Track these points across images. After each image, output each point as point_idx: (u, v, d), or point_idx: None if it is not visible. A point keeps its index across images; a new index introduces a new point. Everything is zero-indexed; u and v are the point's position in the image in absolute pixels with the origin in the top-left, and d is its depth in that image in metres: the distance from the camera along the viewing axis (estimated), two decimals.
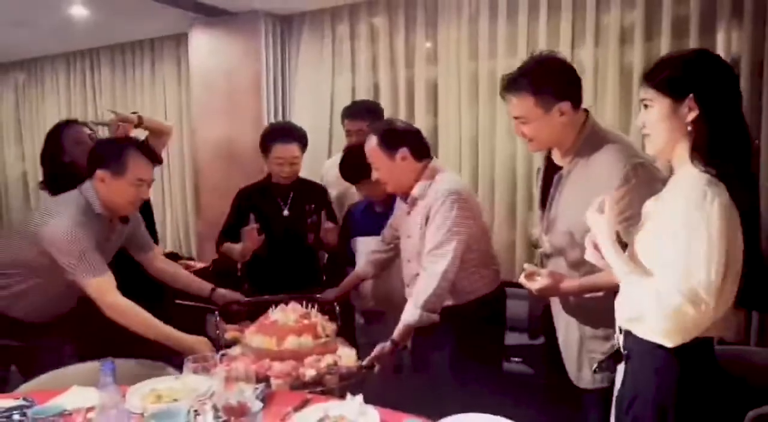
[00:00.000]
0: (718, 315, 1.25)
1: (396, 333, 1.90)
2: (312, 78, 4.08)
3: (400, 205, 2.27)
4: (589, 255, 1.47)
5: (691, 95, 1.29)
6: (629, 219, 1.53)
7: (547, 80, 1.69)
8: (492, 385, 1.99)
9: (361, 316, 2.61)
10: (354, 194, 2.82)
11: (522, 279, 1.76)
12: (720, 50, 2.88)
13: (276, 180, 2.68)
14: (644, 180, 1.58)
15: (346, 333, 2.15)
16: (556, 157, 1.83)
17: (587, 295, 1.72)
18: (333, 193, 2.96)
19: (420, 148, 2.08)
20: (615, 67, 3.15)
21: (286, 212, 2.65)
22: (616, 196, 1.60)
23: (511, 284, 3.30)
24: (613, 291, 1.47)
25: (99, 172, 2.03)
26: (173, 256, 4.63)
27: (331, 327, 2.00)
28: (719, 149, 1.28)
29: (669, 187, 1.39)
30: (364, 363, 1.85)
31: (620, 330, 1.45)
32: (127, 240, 2.28)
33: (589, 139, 1.73)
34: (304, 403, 1.59)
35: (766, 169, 2.77)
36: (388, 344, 1.89)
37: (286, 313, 2.00)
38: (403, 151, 2.04)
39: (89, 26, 4.23)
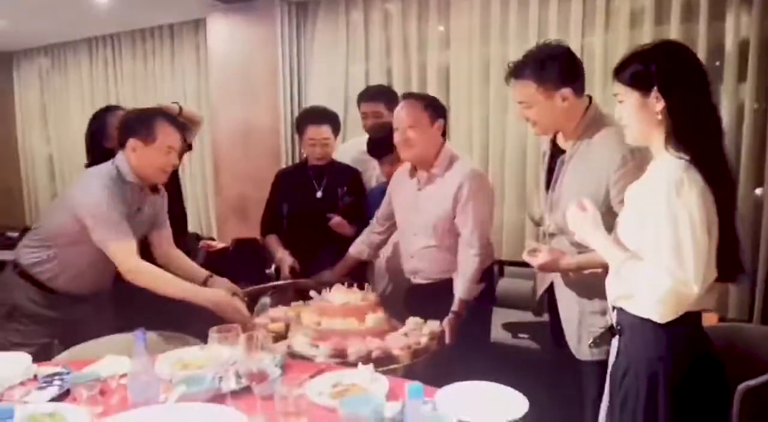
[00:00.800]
0: (702, 291, 1.33)
1: (456, 306, 2.06)
2: (327, 64, 4.17)
3: (401, 183, 2.34)
4: (570, 218, 1.58)
5: (655, 88, 1.37)
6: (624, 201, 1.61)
7: (550, 68, 1.77)
8: (482, 358, 2.11)
9: None
10: (370, 178, 2.91)
11: (525, 256, 1.86)
12: (729, 34, 2.92)
13: (311, 162, 2.76)
14: (639, 163, 1.65)
15: None
16: (561, 141, 1.91)
17: (585, 272, 1.82)
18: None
19: (446, 127, 2.22)
20: (625, 52, 3.18)
21: (319, 194, 2.72)
22: (614, 178, 1.70)
23: (519, 263, 3.42)
24: (608, 268, 1.56)
25: (131, 141, 2.09)
26: (194, 237, 4.81)
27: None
28: (688, 136, 1.36)
29: (648, 173, 1.48)
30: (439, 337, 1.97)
31: (612, 307, 1.55)
32: (154, 218, 2.31)
33: (591, 125, 1.82)
34: (320, 372, 1.72)
35: None
36: (452, 317, 2.05)
37: (348, 294, 2.07)
38: (440, 123, 2.16)
39: (110, 12, 4.35)
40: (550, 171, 1.94)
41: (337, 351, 1.80)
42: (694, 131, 1.37)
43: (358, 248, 2.47)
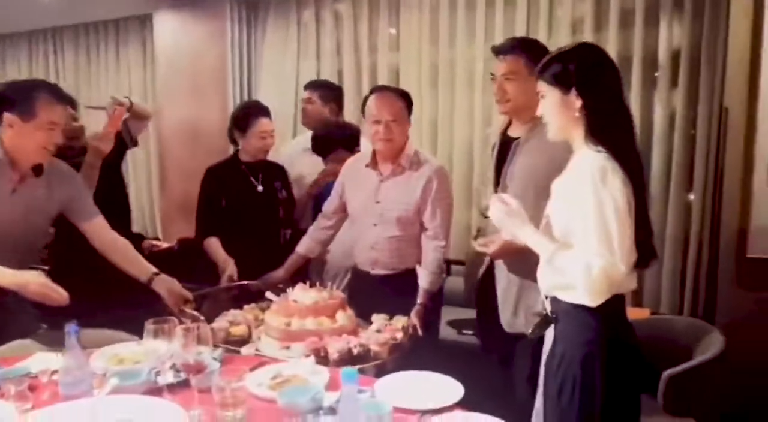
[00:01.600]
0: (626, 272, 1.43)
1: (422, 297, 2.14)
2: (277, 62, 4.15)
3: (357, 174, 2.35)
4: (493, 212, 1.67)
5: (573, 88, 1.48)
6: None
7: (536, 49, 1.99)
8: (430, 354, 2.13)
9: None
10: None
11: (477, 246, 2.02)
12: (662, 42, 3.06)
13: (247, 158, 2.70)
14: None
15: None
16: (514, 131, 2.10)
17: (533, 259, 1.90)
18: (305, 173, 3.01)
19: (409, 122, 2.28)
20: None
21: (260, 188, 2.68)
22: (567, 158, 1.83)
23: (464, 263, 3.48)
24: None
25: (6, 116, 1.90)
26: (138, 237, 4.68)
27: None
28: (605, 131, 1.48)
29: (571, 165, 1.56)
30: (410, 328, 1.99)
31: (546, 297, 1.62)
32: (64, 206, 2.15)
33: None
34: (260, 364, 1.71)
35: (702, 148, 2.96)
36: (419, 308, 2.10)
37: (317, 293, 2.03)
38: (410, 119, 2.26)
39: (52, 5, 4.20)
40: (500, 160, 2.10)
41: (316, 351, 1.78)
42: (610, 126, 1.48)
43: (307, 246, 2.46)
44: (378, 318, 2.01)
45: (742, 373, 2.60)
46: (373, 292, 2.21)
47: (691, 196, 3.06)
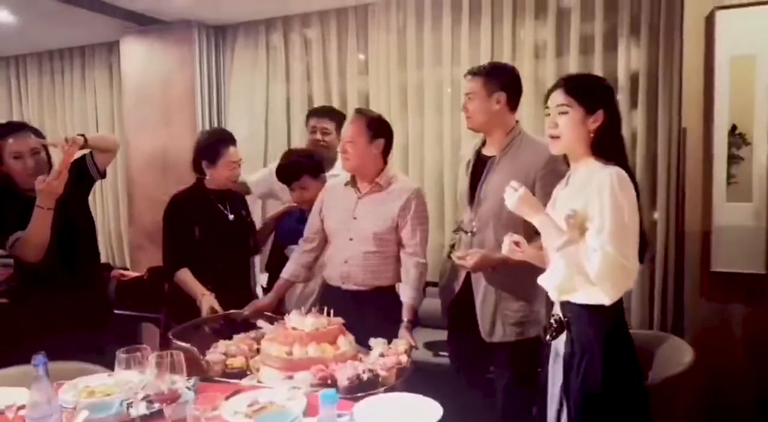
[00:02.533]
0: (637, 267, 1.58)
1: (408, 314, 2.21)
2: (247, 87, 4.16)
3: (335, 193, 2.40)
4: (507, 250, 1.81)
5: (601, 110, 1.68)
6: (550, 194, 1.91)
7: (496, 74, 2.23)
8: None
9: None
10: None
11: (456, 260, 2.17)
12: (621, 66, 3.18)
13: (215, 185, 2.63)
14: (559, 166, 2.00)
15: None
16: (488, 149, 2.28)
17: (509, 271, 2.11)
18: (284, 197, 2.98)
19: (390, 148, 2.35)
20: (530, 80, 3.40)
21: (231, 216, 2.63)
22: (540, 174, 2.12)
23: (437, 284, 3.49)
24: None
25: None
26: (106, 267, 4.58)
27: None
28: (615, 149, 1.70)
29: (577, 177, 1.74)
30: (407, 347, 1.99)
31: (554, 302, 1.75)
32: None
33: (518, 137, 2.24)
34: (236, 392, 1.68)
35: (663, 166, 3.07)
36: (408, 325, 2.18)
37: (317, 319, 1.97)
38: (379, 142, 2.29)
39: (15, 32, 4.15)
40: (474, 177, 2.26)
41: (323, 379, 1.73)
42: (618, 145, 1.72)
43: (292, 271, 2.44)
44: (377, 343, 1.98)
45: (711, 384, 2.67)
46: (343, 309, 2.20)
47: (656, 214, 3.16)
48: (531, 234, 1.89)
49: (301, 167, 2.58)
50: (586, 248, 1.57)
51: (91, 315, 2.38)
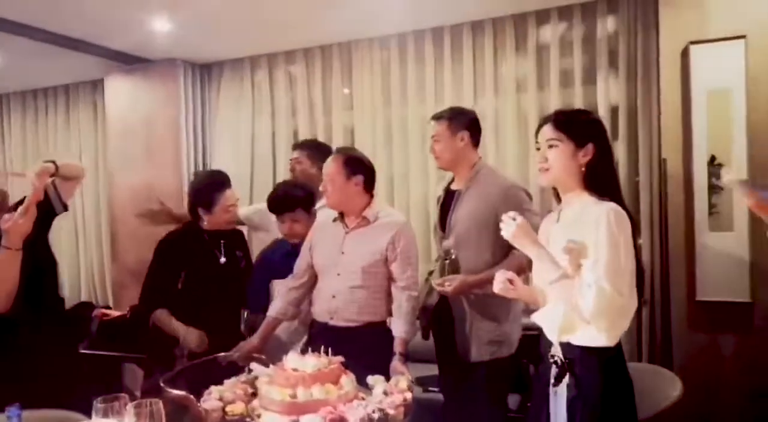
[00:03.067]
0: (634, 306, 1.57)
1: (400, 347, 2.20)
2: (232, 124, 4.18)
3: (323, 229, 2.39)
4: (499, 288, 1.78)
5: (591, 144, 1.66)
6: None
7: (458, 115, 2.46)
8: None
9: None
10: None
11: (437, 287, 2.29)
12: (601, 98, 3.25)
13: (210, 227, 2.55)
14: (516, 191, 2.36)
15: None
16: (455, 185, 2.49)
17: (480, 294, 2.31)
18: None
19: (372, 182, 2.36)
20: (513, 114, 3.45)
21: (222, 259, 2.55)
22: (501, 202, 2.26)
23: None
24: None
25: None
26: (88, 306, 4.49)
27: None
28: (607, 184, 1.68)
29: (569, 211, 1.72)
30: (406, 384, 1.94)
31: (552, 344, 1.70)
32: None
33: (480, 170, 2.45)
34: None
35: (646, 197, 3.11)
36: (401, 358, 2.17)
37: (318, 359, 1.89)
38: (358, 178, 2.29)
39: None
40: (444, 209, 2.47)
41: (335, 421, 1.67)
42: (613, 179, 1.73)
43: (280, 310, 2.39)
44: (376, 380, 1.92)
45: (701, 414, 2.65)
46: (332, 346, 2.17)
47: (640, 241, 3.18)
48: (506, 250, 2.25)
49: (296, 199, 2.55)
50: (580, 283, 1.55)
51: (60, 365, 2.22)
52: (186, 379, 2.05)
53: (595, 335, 1.58)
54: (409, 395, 1.85)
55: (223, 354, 2.22)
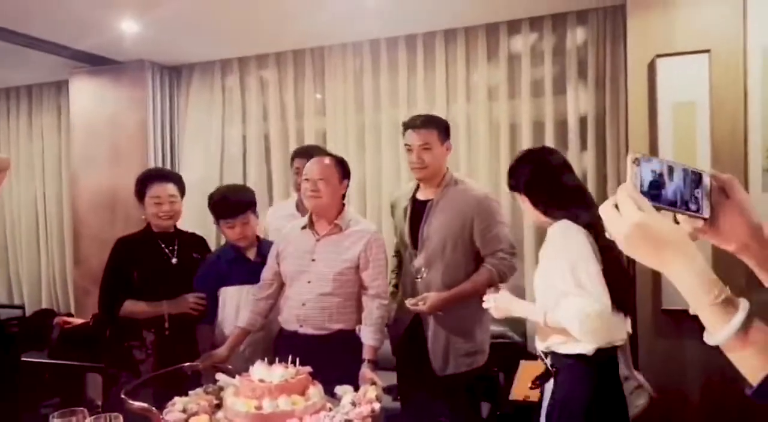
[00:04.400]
0: (606, 309, 1.62)
1: (370, 354, 2.19)
2: (202, 127, 4.11)
3: (292, 237, 2.35)
4: (494, 311, 1.92)
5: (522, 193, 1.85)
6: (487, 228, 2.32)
7: (442, 124, 2.43)
8: None
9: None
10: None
11: (411, 306, 2.28)
12: (570, 108, 3.29)
13: (158, 228, 2.56)
14: (490, 203, 2.37)
15: None
16: (423, 195, 2.45)
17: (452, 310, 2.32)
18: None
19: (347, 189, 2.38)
20: (485, 121, 3.48)
21: (174, 260, 2.54)
22: (475, 215, 2.34)
23: None
24: (476, 296, 2.14)
25: None
26: (49, 313, 4.35)
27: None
28: (555, 211, 1.78)
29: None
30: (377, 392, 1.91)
31: (545, 354, 1.80)
32: None
33: (450, 178, 2.44)
34: None
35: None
36: (370, 366, 2.16)
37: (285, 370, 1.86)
38: (345, 183, 2.32)
39: None
40: (413, 221, 2.42)
41: None
42: (555, 207, 1.80)
43: (249, 320, 2.34)
44: (344, 390, 1.90)
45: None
46: (300, 355, 2.13)
47: None
48: (477, 263, 2.33)
49: (247, 203, 2.51)
50: (560, 307, 1.65)
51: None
52: (152, 388, 2.00)
53: (574, 343, 1.66)
54: (377, 405, 1.83)
55: (188, 363, 2.17)
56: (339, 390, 1.95)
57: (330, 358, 2.11)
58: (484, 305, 1.91)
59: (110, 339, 2.49)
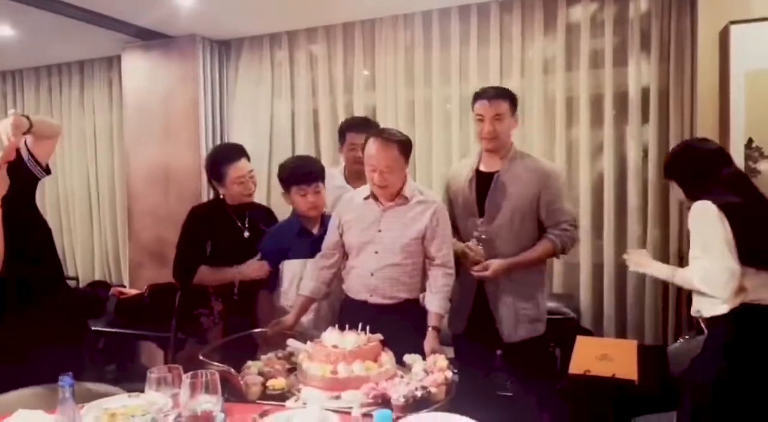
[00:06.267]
0: (728, 269, 1.94)
1: (435, 321, 2.18)
2: (251, 102, 4.12)
3: (353, 207, 2.34)
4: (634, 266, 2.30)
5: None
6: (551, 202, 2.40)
7: (513, 96, 2.47)
8: None
9: None
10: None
11: (475, 273, 2.35)
12: (632, 80, 3.19)
13: (233, 201, 2.56)
14: (558, 179, 2.47)
15: None
16: (488, 167, 2.48)
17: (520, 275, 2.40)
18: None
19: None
20: (540, 96, 3.40)
21: (246, 234, 2.55)
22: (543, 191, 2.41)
23: None
24: (538, 265, 2.41)
25: None
26: (102, 284, 4.47)
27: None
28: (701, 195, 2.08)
29: None
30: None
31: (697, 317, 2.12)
32: None
33: (515, 151, 2.49)
34: (265, 413, 1.61)
35: None
36: (435, 333, 2.14)
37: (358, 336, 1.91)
38: (407, 161, 2.30)
39: (14, 47, 4.09)
40: (480, 193, 2.43)
41: (377, 398, 1.66)
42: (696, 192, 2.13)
43: (312, 288, 2.35)
44: (414, 359, 1.93)
45: None
46: (367, 323, 2.14)
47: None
48: (541, 233, 2.40)
49: (319, 171, 2.50)
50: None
51: (58, 332, 2.10)
52: (219, 354, 2.04)
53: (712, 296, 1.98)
54: (449, 374, 1.83)
55: (258, 329, 2.20)
56: (408, 358, 1.96)
57: (397, 326, 2.12)
58: (624, 256, 2.30)
59: (180, 306, 2.53)
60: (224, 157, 2.55)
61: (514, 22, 3.43)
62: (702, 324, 2.11)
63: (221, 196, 2.58)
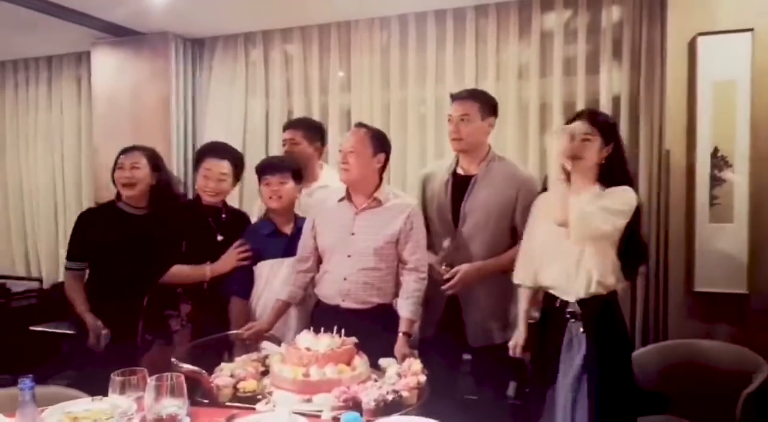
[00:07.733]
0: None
1: (406, 327, 2.18)
2: (225, 101, 4.07)
3: (328, 210, 2.33)
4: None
5: (612, 143, 2.02)
6: (527, 207, 2.30)
7: (489, 99, 2.47)
8: None
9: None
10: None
11: (448, 292, 2.34)
12: (603, 88, 3.24)
13: (205, 201, 2.53)
14: (533, 185, 2.42)
15: None
16: (465, 170, 2.46)
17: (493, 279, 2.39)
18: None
19: (387, 164, 2.36)
20: (514, 100, 3.43)
21: (219, 237, 2.51)
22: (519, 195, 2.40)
23: None
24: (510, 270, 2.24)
25: None
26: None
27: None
28: (619, 175, 2.03)
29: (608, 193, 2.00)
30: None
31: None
32: None
33: (493, 155, 2.48)
34: (232, 417, 1.58)
35: (646, 187, 3.09)
36: (405, 338, 2.15)
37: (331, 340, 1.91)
38: (381, 157, 2.28)
39: None
40: (455, 196, 2.42)
41: (347, 401, 1.65)
42: (626, 174, 2.09)
43: (290, 293, 2.34)
44: (388, 362, 1.92)
45: None
46: (340, 327, 2.13)
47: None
48: (514, 239, 2.34)
49: (291, 164, 2.50)
50: None
51: None
52: (190, 356, 2.00)
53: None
54: (422, 378, 1.83)
55: (233, 331, 2.18)
56: (383, 362, 1.96)
57: (369, 331, 2.11)
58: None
59: (147, 307, 2.48)
60: (207, 149, 2.63)
61: (489, 26, 3.45)
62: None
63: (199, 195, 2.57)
